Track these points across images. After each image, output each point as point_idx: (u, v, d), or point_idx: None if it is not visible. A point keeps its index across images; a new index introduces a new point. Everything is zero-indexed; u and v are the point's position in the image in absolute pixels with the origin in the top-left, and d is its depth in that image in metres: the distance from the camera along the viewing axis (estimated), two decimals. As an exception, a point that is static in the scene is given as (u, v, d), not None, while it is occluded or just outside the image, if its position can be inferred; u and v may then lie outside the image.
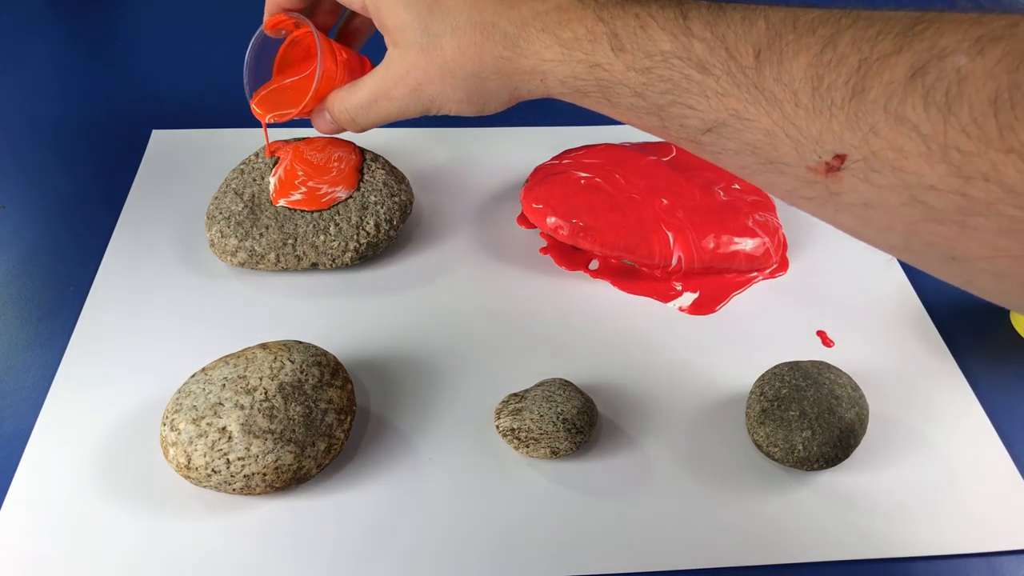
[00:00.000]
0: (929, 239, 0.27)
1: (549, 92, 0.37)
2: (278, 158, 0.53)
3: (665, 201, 0.52)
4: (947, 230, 0.26)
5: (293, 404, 0.40)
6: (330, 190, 0.51)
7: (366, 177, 0.53)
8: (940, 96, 0.24)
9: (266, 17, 0.44)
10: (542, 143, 0.63)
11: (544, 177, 0.54)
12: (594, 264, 0.54)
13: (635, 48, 0.32)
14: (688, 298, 0.52)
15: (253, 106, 0.46)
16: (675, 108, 0.32)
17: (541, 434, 0.41)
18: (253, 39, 0.45)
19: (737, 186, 0.55)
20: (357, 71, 0.44)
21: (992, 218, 0.24)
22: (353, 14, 0.47)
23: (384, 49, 0.40)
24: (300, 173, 0.52)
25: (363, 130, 0.43)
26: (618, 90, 0.34)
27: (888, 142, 0.26)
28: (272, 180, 0.52)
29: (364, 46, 0.49)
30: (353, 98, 0.42)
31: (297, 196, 0.51)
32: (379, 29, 0.40)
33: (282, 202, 0.50)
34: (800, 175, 0.29)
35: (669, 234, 0.51)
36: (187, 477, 0.39)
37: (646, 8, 0.33)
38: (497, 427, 0.42)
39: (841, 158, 0.27)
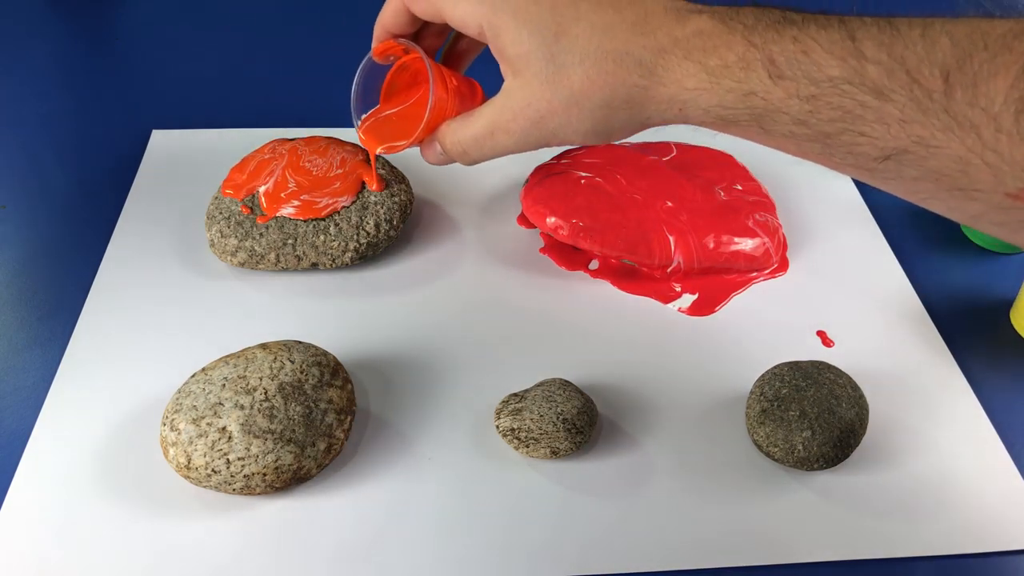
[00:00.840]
0: None
1: (687, 120, 0.34)
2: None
3: (665, 201, 0.52)
4: None
5: (293, 404, 0.40)
6: (331, 202, 0.51)
7: (361, 171, 0.53)
8: None
9: (374, 43, 0.42)
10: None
11: (544, 177, 0.54)
12: (594, 264, 0.54)
13: (797, 75, 0.30)
14: (687, 299, 0.52)
15: (360, 135, 0.44)
16: (845, 136, 0.30)
17: (541, 434, 0.41)
18: (361, 65, 0.43)
19: (739, 186, 0.55)
20: (468, 98, 0.42)
21: None
22: (460, 35, 0.44)
23: (494, 75, 0.38)
24: (292, 185, 0.51)
25: (474, 163, 0.41)
26: (776, 117, 0.31)
27: None
28: (259, 192, 0.51)
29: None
30: (467, 131, 0.39)
31: (290, 209, 0.50)
32: (496, 56, 0.37)
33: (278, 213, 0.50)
34: (995, 201, 0.28)
35: (669, 234, 0.51)
36: (187, 477, 0.39)
37: (805, 31, 0.30)
38: (497, 427, 0.42)
39: None
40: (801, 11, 0.32)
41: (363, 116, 0.45)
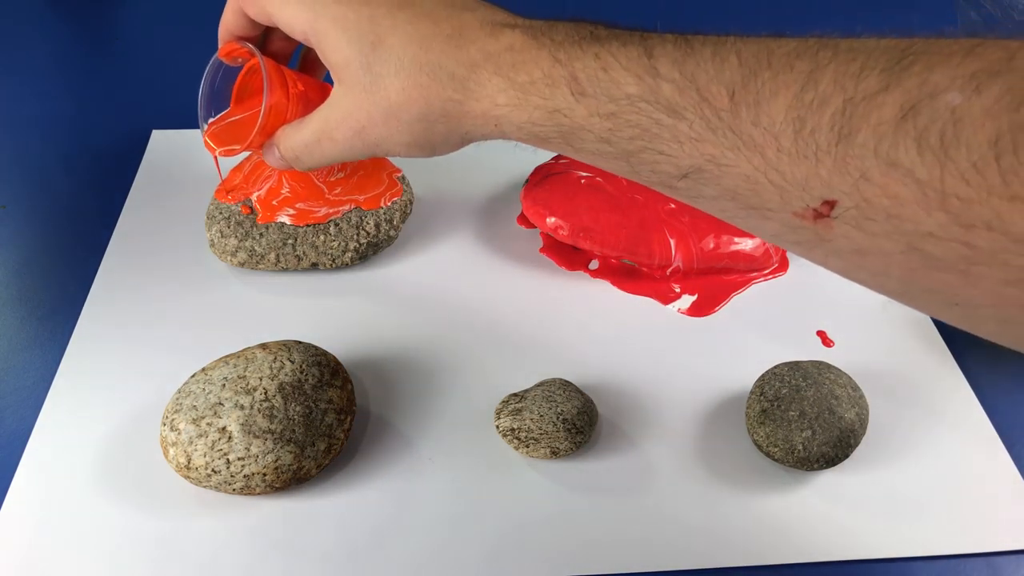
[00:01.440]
0: (928, 285, 0.25)
1: (505, 136, 0.34)
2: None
3: (665, 201, 0.52)
4: (948, 277, 0.24)
5: (293, 404, 0.40)
6: (331, 211, 0.51)
7: (362, 172, 0.53)
8: (935, 139, 0.22)
9: (220, 45, 0.42)
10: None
11: (544, 177, 0.54)
12: (594, 264, 0.54)
13: (597, 92, 0.30)
14: (687, 300, 0.52)
15: (205, 139, 0.44)
16: (646, 154, 0.30)
17: (541, 434, 0.41)
18: (208, 67, 0.43)
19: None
20: (315, 104, 0.41)
21: (997, 268, 0.23)
22: (311, 54, 0.45)
23: None
24: (285, 190, 0.51)
25: (309, 169, 0.41)
26: (581, 135, 0.31)
27: (881, 188, 0.24)
28: (252, 199, 0.51)
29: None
30: (298, 137, 0.39)
31: (284, 218, 0.50)
32: (323, 62, 0.37)
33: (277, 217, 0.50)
34: (786, 220, 0.27)
35: (669, 235, 0.51)
36: (187, 477, 0.39)
37: (607, 47, 0.30)
38: (497, 427, 0.42)
39: (831, 204, 0.26)
40: (611, 27, 0.32)
41: (211, 120, 0.44)
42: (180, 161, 0.60)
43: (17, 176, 0.59)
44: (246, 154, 0.51)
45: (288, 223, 0.50)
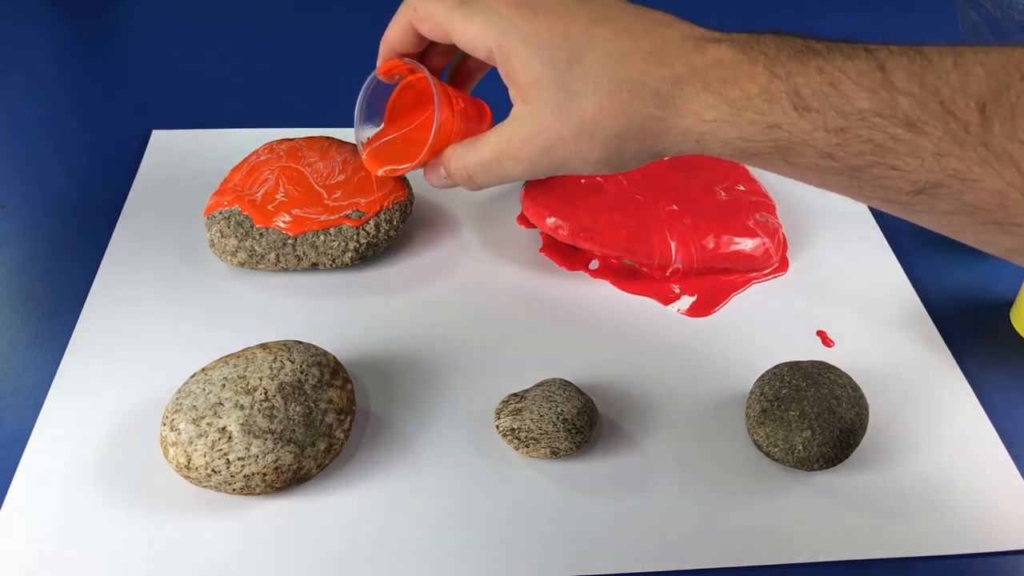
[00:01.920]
0: None
1: (705, 151, 0.33)
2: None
3: (666, 202, 0.52)
4: None
5: (293, 404, 0.40)
6: (331, 218, 0.50)
7: (363, 173, 0.52)
8: None
9: (380, 62, 0.41)
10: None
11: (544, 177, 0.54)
12: (594, 264, 0.54)
13: (824, 107, 0.29)
14: (686, 301, 0.52)
15: (364, 158, 0.43)
16: (876, 169, 0.29)
17: (541, 434, 0.41)
18: (365, 84, 0.42)
19: (742, 187, 0.55)
20: (474, 120, 0.41)
21: None
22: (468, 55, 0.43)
23: (503, 94, 0.37)
24: (280, 195, 0.50)
25: (479, 188, 0.40)
26: (801, 151, 0.30)
27: None
28: (258, 196, 0.51)
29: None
30: (474, 156, 0.38)
31: (280, 224, 0.50)
32: (505, 81, 0.36)
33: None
34: None
35: (669, 235, 0.51)
36: (187, 477, 0.39)
37: (831, 61, 0.29)
38: (497, 427, 0.42)
39: None
40: (824, 40, 0.31)
41: (368, 138, 0.44)
42: (180, 161, 0.60)
43: (17, 176, 0.59)
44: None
45: (283, 230, 0.50)
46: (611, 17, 0.34)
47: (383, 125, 0.45)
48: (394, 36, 0.39)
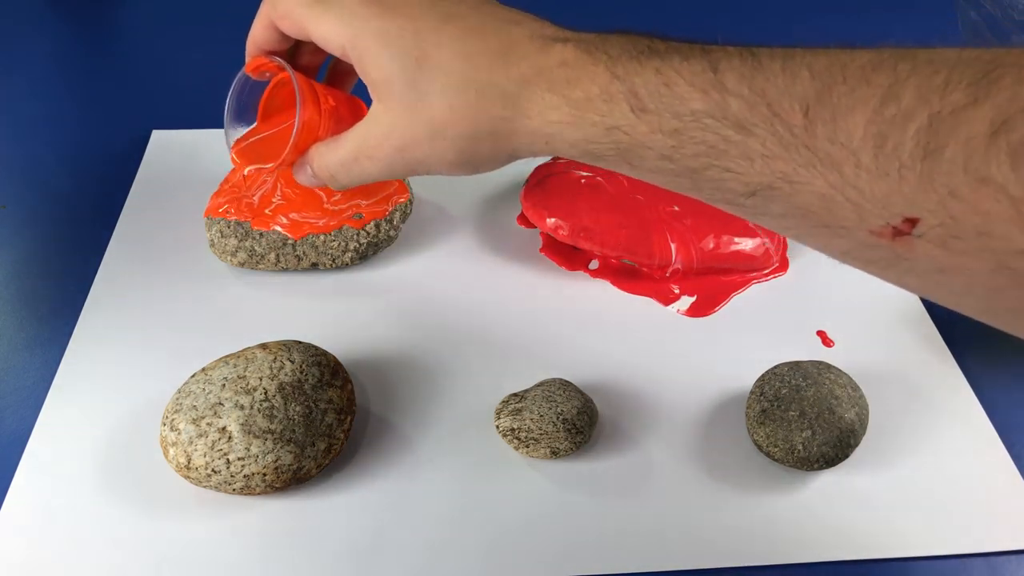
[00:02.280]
0: (1014, 304, 0.25)
1: (555, 153, 0.33)
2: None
3: (666, 202, 0.52)
4: None
5: (293, 404, 0.40)
6: (331, 222, 0.50)
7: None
8: None
9: (247, 59, 0.41)
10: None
11: (544, 177, 0.54)
12: (594, 264, 0.54)
13: (660, 108, 0.29)
14: (686, 302, 0.52)
15: (232, 155, 0.43)
16: (711, 171, 0.29)
17: (541, 434, 0.41)
18: (235, 81, 0.42)
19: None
20: (346, 119, 0.40)
21: None
22: (339, 66, 0.43)
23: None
24: (278, 198, 0.50)
25: (344, 188, 0.39)
26: (641, 153, 0.30)
27: (971, 205, 0.23)
28: (255, 198, 0.51)
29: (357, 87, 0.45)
30: (334, 155, 0.38)
31: (277, 228, 0.50)
32: (361, 78, 0.36)
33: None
34: (861, 239, 0.27)
35: (669, 235, 0.51)
36: (187, 477, 0.39)
37: (668, 62, 0.29)
38: (497, 427, 0.42)
39: (912, 222, 0.25)
40: (668, 40, 0.31)
41: (238, 136, 0.43)
42: (180, 161, 0.60)
43: (17, 176, 0.59)
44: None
45: (282, 233, 0.50)
46: (461, 15, 0.34)
47: (256, 122, 0.44)
48: (258, 33, 0.39)
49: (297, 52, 0.42)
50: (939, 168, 0.23)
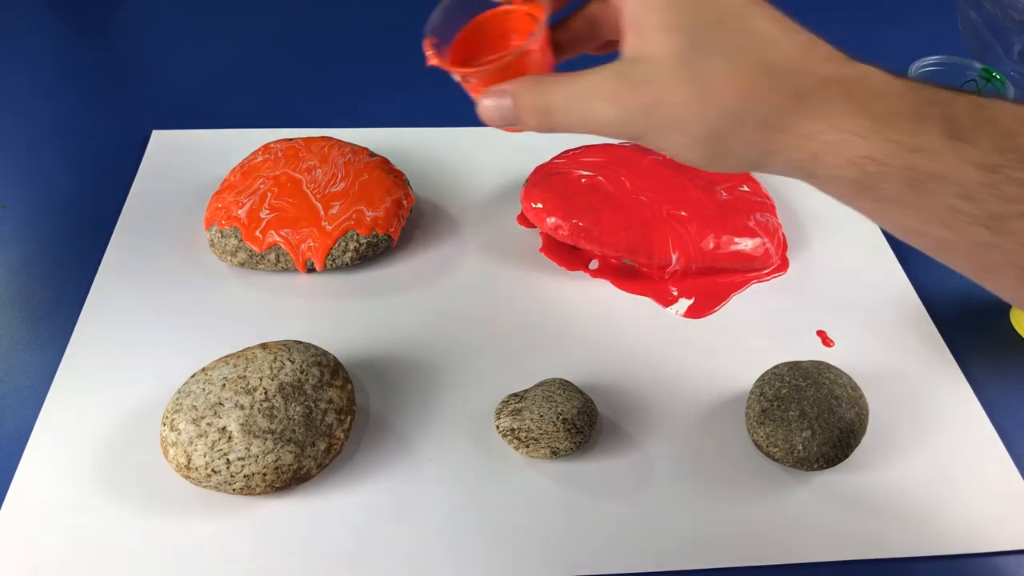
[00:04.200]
0: None
1: (812, 171, 0.30)
2: None
3: (666, 202, 0.52)
4: None
5: (293, 404, 0.40)
6: (326, 243, 0.49)
7: (365, 176, 0.52)
8: None
9: None
10: (542, 143, 0.63)
11: (544, 177, 0.54)
12: (594, 264, 0.54)
13: (980, 140, 0.26)
14: (684, 304, 0.51)
15: (433, 56, 0.35)
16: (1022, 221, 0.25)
17: (541, 434, 0.41)
18: None
19: (746, 187, 0.55)
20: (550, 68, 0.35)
21: None
22: (576, 19, 0.36)
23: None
24: (266, 212, 0.49)
25: (547, 130, 0.33)
26: (936, 187, 0.27)
27: None
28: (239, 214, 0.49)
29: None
30: (560, 89, 0.32)
31: (276, 238, 0.49)
32: (627, 25, 0.31)
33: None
34: None
35: (669, 236, 0.51)
36: (187, 477, 0.39)
37: (989, 100, 0.27)
38: (497, 427, 0.42)
39: None
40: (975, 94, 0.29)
41: (439, 46, 0.36)
42: (180, 161, 0.60)
43: (17, 176, 0.59)
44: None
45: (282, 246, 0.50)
46: (768, 8, 0.30)
47: (455, 45, 0.37)
48: None
49: None
50: None
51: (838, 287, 0.53)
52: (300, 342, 0.43)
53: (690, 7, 0.29)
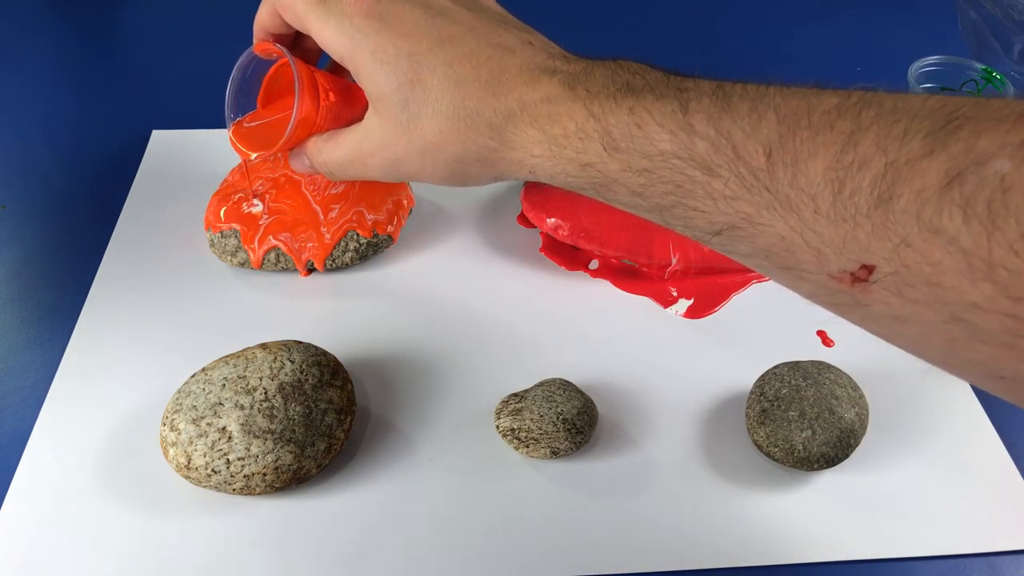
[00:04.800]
0: (971, 356, 0.25)
1: (539, 180, 0.35)
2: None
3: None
4: (993, 350, 0.23)
5: (293, 404, 0.40)
6: (327, 247, 0.50)
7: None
8: (981, 207, 0.22)
9: (255, 40, 0.42)
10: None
11: (544, 177, 0.54)
12: (594, 264, 0.54)
13: (631, 148, 0.30)
14: (683, 305, 0.51)
15: (231, 138, 0.43)
16: (678, 209, 0.30)
17: (541, 434, 0.41)
18: (241, 58, 0.42)
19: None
20: (343, 116, 0.41)
21: None
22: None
23: None
24: (266, 219, 0.49)
25: (341, 180, 0.41)
26: (614, 188, 0.31)
27: (923, 255, 0.23)
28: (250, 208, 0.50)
29: None
30: (332, 154, 0.39)
31: (277, 243, 0.49)
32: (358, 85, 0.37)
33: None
34: (822, 282, 0.27)
35: (669, 235, 0.51)
36: (187, 477, 0.39)
37: (641, 101, 0.30)
38: (497, 427, 0.42)
39: (869, 269, 0.25)
40: (647, 73, 0.31)
41: (239, 118, 0.43)
42: (180, 161, 0.60)
43: (17, 176, 0.59)
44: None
45: (283, 249, 0.50)
46: (457, 38, 0.35)
47: (258, 99, 0.44)
48: (264, 17, 0.40)
49: (301, 35, 0.42)
50: (892, 217, 0.24)
51: (838, 287, 0.53)
52: (300, 342, 0.43)
53: (392, 72, 0.34)
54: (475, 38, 0.35)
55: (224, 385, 0.40)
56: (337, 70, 0.44)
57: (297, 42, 0.42)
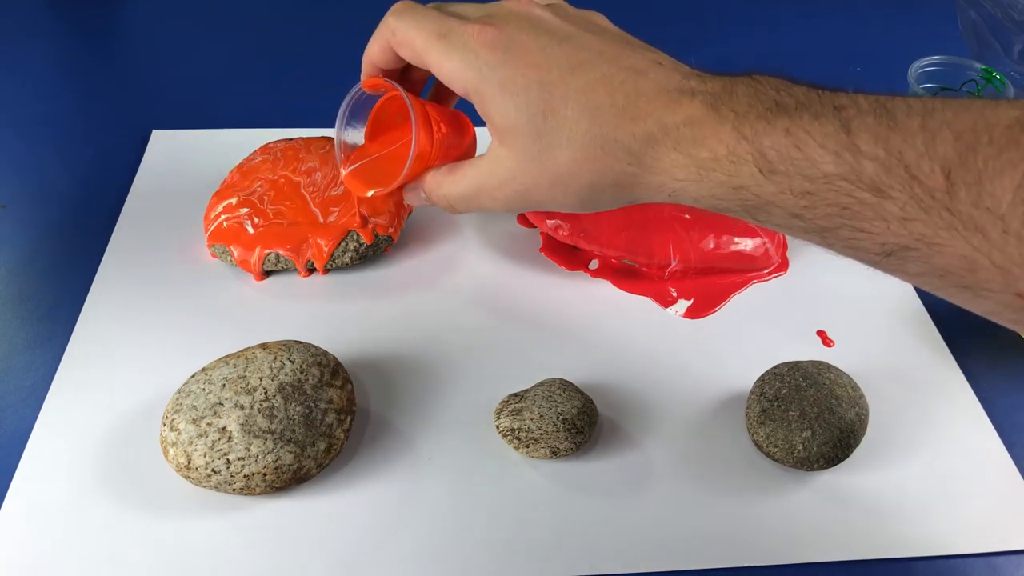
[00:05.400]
0: None
1: (678, 203, 0.33)
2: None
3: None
4: None
5: (293, 404, 0.40)
6: (329, 247, 0.50)
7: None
8: None
9: (363, 76, 0.41)
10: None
11: (544, 177, 0.54)
12: (594, 264, 0.54)
13: (790, 171, 0.28)
14: (683, 305, 0.51)
15: (344, 180, 0.43)
16: (843, 231, 0.28)
17: (541, 434, 0.41)
18: (349, 94, 0.41)
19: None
20: (454, 146, 0.40)
21: None
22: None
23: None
24: (250, 230, 0.49)
25: (464, 212, 0.40)
26: (769, 210, 0.30)
27: None
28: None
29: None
30: (454, 188, 0.38)
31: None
32: (483, 118, 0.36)
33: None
34: (1006, 301, 0.26)
35: (669, 236, 0.51)
36: (187, 477, 0.39)
37: (797, 122, 0.28)
38: (497, 427, 0.42)
39: None
40: (796, 88, 0.30)
41: (348, 145, 0.43)
42: (180, 161, 0.60)
43: (17, 176, 0.59)
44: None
45: (284, 255, 0.50)
46: (588, 64, 0.33)
47: (364, 133, 0.44)
48: (375, 53, 0.39)
49: (409, 67, 0.41)
50: None
51: (838, 287, 0.53)
52: (300, 342, 0.43)
53: (522, 103, 0.33)
54: (605, 62, 0.33)
55: (224, 385, 0.40)
56: (438, 98, 0.43)
57: (405, 74, 0.41)
